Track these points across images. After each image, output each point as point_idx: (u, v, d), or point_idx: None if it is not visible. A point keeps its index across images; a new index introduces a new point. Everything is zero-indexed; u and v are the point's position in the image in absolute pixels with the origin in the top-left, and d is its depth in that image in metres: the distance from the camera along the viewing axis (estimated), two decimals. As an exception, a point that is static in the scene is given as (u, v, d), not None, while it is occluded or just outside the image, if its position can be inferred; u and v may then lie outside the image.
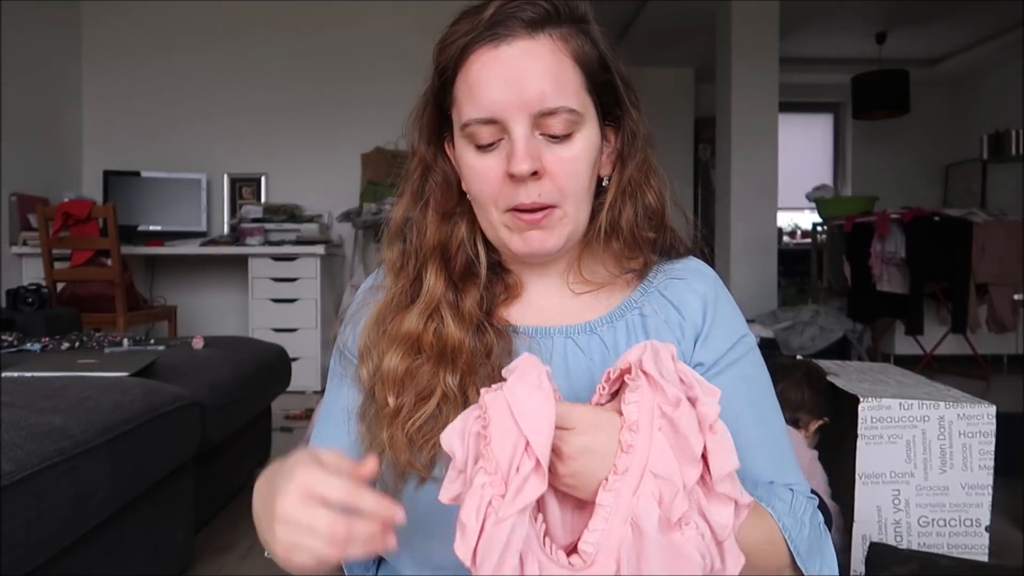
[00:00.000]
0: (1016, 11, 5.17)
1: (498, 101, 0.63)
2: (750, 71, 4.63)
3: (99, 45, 4.32)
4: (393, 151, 4.14)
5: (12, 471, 1.02)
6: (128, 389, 1.48)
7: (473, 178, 0.67)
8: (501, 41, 0.63)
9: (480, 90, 0.64)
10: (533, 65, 0.63)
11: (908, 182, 6.77)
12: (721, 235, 4.79)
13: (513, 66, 0.63)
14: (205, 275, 4.33)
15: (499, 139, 0.65)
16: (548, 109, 0.63)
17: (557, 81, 0.64)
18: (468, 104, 0.65)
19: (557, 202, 0.66)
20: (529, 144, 0.63)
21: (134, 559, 1.42)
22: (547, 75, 0.63)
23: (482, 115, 0.64)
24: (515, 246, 0.68)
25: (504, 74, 0.63)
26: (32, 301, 2.70)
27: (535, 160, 0.63)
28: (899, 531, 1.36)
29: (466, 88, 0.65)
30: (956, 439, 1.34)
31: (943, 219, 4.03)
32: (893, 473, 1.35)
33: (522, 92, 0.63)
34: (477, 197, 0.68)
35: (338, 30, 4.43)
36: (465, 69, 0.65)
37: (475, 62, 0.64)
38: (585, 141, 0.66)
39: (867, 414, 1.35)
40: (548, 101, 0.63)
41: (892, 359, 4.41)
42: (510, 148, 0.64)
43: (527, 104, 0.63)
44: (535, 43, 0.64)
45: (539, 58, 0.64)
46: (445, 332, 0.69)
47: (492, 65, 0.63)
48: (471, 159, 0.67)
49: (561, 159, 0.65)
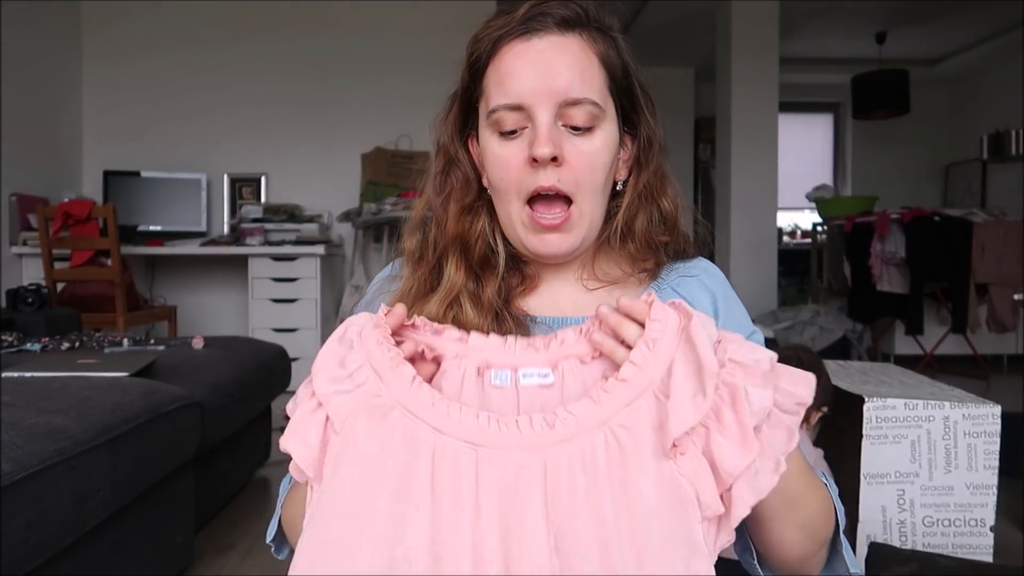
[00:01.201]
0: (1016, 11, 5.17)
1: (526, 88, 0.66)
2: (750, 71, 4.64)
3: (99, 45, 4.31)
4: (393, 151, 4.14)
5: (12, 471, 1.02)
6: (128, 389, 1.48)
7: (495, 165, 0.70)
8: (533, 35, 0.67)
9: (510, 78, 0.67)
10: (562, 57, 0.67)
11: (908, 182, 6.77)
12: (721, 235, 4.79)
13: (543, 57, 0.67)
14: (205, 275, 4.33)
15: (523, 127, 0.68)
16: (573, 99, 0.66)
17: (583, 74, 0.67)
18: (497, 91, 0.68)
19: (573, 194, 0.68)
20: (552, 131, 0.66)
21: (134, 559, 1.42)
22: (574, 67, 0.67)
23: (510, 100, 0.67)
24: (532, 245, 0.70)
25: (533, 63, 0.66)
26: (32, 301, 2.70)
27: (556, 146, 0.66)
28: (903, 531, 1.36)
29: (496, 77, 0.68)
30: (961, 439, 1.34)
31: (943, 219, 4.03)
32: (898, 473, 1.35)
33: (550, 80, 0.66)
34: (498, 186, 0.71)
35: (338, 30, 4.43)
36: (497, 60, 0.68)
37: (507, 53, 0.68)
38: (605, 137, 0.69)
39: (872, 414, 1.35)
40: (573, 91, 0.66)
41: (892, 359, 4.41)
42: (533, 135, 0.67)
43: (553, 93, 0.66)
44: (565, 39, 0.68)
45: (568, 52, 0.67)
46: (464, 319, 0.70)
47: (523, 55, 0.67)
48: (494, 146, 0.69)
49: (581, 151, 0.67)
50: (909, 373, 1.69)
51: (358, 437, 0.51)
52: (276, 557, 0.74)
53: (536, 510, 0.48)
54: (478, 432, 0.51)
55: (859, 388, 1.44)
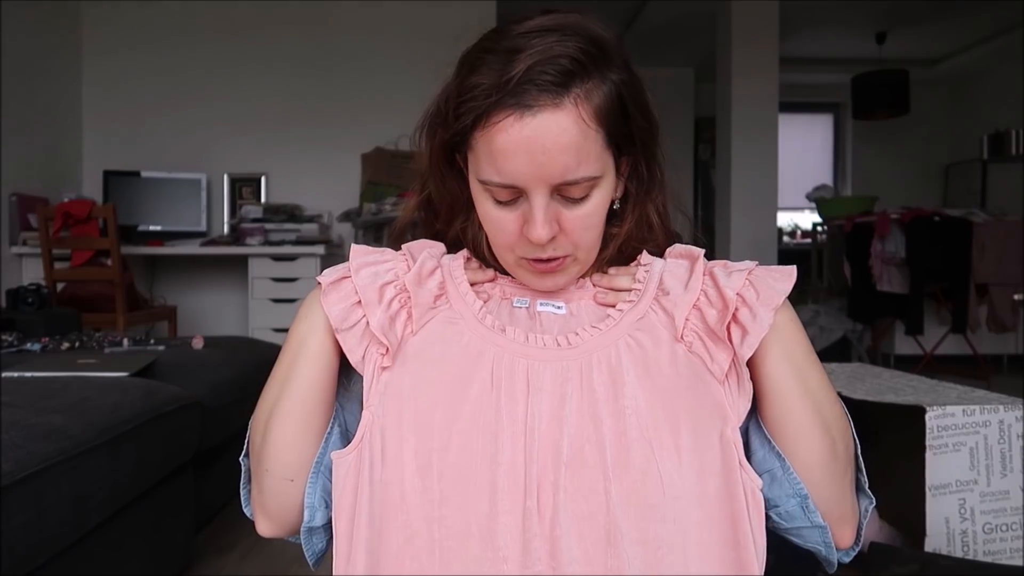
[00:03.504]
0: (1016, 11, 5.18)
1: (520, 173, 0.62)
2: (750, 71, 4.63)
3: (99, 45, 4.31)
4: (393, 151, 4.14)
5: (12, 471, 1.02)
6: (128, 389, 1.48)
7: (489, 224, 0.68)
8: (526, 112, 0.61)
9: (502, 160, 0.63)
10: (557, 140, 0.61)
11: (908, 182, 6.77)
12: (721, 235, 4.79)
13: (537, 142, 0.61)
14: (205, 275, 4.33)
15: (517, 197, 0.65)
16: (570, 180, 0.63)
17: (579, 153, 0.62)
18: (488, 167, 0.64)
19: (571, 253, 0.68)
20: (548, 212, 0.64)
21: (134, 559, 1.41)
22: (570, 149, 0.62)
23: (503, 181, 0.64)
24: (527, 281, 0.71)
25: (527, 148, 0.61)
26: (32, 301, 2.70)
27: (553, 226, 0.65)
28: (965, 541, 1.34)
29: (487, 152, 0.63)
30: (1015, 442, 1.33)
31: (943, 219, 4.03)
32: (958, 482, 1.33)
33: (545, 167, 0.62)
34: (492, 240, 0.70)
35: (339, 30, 4.43)
36: (487, 132, 0.63)
37: (499, 131, 0.62)
38: (601, 195, 0.66)
39: (933, 423, 1.32)
40: (569, 174, 0.63)
41: (892, 359, 4.41)
42: (528, 212, 0.64)
43: (549, 178, 0.63)
44: (560, 113, 0.61)
45: (563, 132, 0.61)
46: None
47: (516, 139, 0.61)
48: (488, 208, 0.67)
49: (576, 216, 0.65)
50: (895, 374, 1.68)
51: (432, 338, 0.68)
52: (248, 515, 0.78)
53: (577, 401, 0.63)
54: (525, 346, 0.66)
55: (877, 396, 1.42)
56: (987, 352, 4.44)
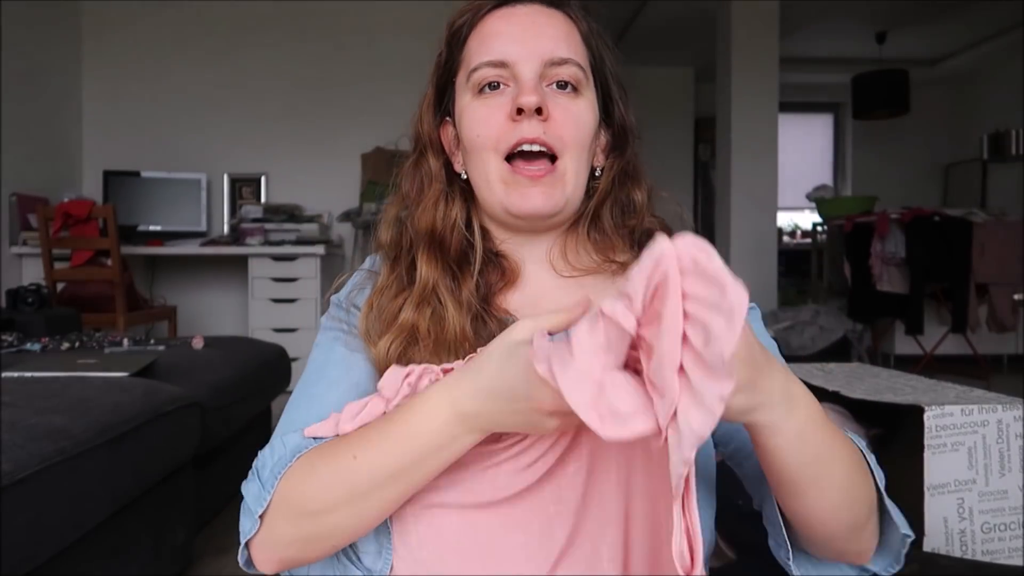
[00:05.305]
0: (1016, 11, 5.17)
1: (510, 48, 0.66)
2: (750, 71, 4.63)
3: (99, 45, 4.31)
4: (393, 151, 4.14)
5: (12, 471, 1.02)
6: (128, 389, 1.48)
7: (473, 122, 0.68)
8: (517, 3, 0.67)
9: (493, 39, 0.66)
10: (547, 22, 0.67)
11: (908, 182, 6.77)
12: (721, 235, 4.79)
13: (528, 19, 0.66)
14: (205, 275, 4.33)
15: (505, 84, 0.66)
16: (559, 58, 0.66)
17: (568, 39, 0.67)
18: (480, 51, 0.67)
19: (558, 149, 0.66)
20: (537, 85, 0.66)
21: (134, 559, 1.41)
22: (559, 32, 0.67)
23: (493, 57, 0.66)
24: (513, 203, 0.67)
25: (518, 25, 0.66)
26: (32, 301, 2.70)
27: (542, 98, 0.65)
28: (964, 540, 1.34)
29: (478, 41, 0.67)
30: (1013, 441, 1.33)
31: (943, 219, 4.03)
32: (957, 482, 1.33)
33: (535, 42, 0.65)
34: (475, 143, 0.68)
35: (338, 31, 4.43)
36: (480, 26, 0.68)
37: (490, 18, 0.67)
38: (588, 104, 0.68)
39: (932, 423, 1.32)
40: (559, 51, 0.66)
41: (892, 359, 4.41)
42: (517, 89, 0.66)
43: (538, 53, 0.65)
44: (551, 10, 0.68)
45: (553, 20, 0.67)
46: (445, 319, 0.67)
47: (507, 18, 0.67)
48: (475, 105, 0.68)
49: (566, 108, 0.66)
50: (894, 373, 1.68)
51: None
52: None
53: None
54: None
55: (876, 396, 1.42)
56: (987, 352, 4.43)
